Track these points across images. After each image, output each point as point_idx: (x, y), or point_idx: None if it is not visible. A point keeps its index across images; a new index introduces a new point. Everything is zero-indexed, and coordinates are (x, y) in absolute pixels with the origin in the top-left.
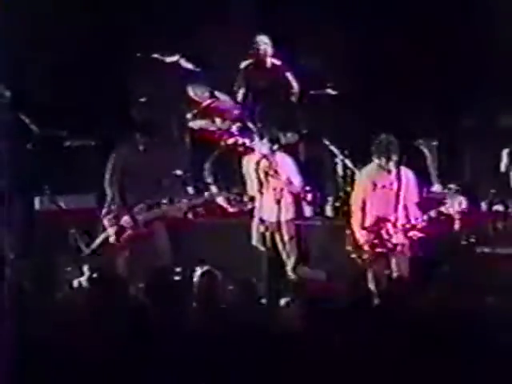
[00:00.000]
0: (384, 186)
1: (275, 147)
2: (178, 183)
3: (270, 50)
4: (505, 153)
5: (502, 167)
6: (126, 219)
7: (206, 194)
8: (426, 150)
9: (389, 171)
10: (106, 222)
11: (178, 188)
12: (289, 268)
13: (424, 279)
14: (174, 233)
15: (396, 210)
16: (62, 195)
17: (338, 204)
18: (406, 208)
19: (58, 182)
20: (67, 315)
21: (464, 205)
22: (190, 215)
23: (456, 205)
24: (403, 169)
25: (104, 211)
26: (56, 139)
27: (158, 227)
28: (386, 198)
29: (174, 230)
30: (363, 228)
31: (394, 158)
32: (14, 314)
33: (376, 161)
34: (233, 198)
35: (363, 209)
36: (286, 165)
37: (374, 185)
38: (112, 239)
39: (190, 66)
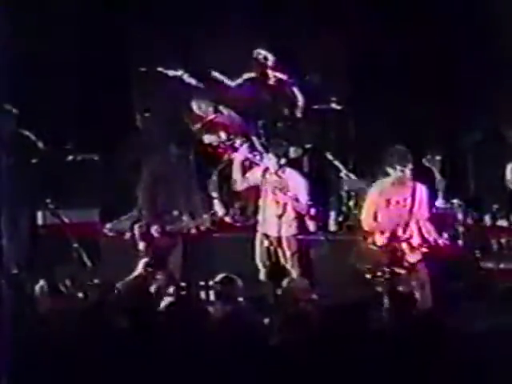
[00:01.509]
0: (398, 202)
1: (283, 161)
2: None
3: (271, 64)
4: (509, 168)
5: (507, 182)
6: (156, 228)
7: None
8: (433, 167)
9: (403, 185)
10: (136, 229)
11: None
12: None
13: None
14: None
15: (408, 226)
16: (65, 210)
17: (341, 219)
18: (417, 224)
19: (61, 196)
20: (71, 328)
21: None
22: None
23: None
24: (418, 184)
25: (132, 219)
26: (60, 153)
27: (176, 240)
28: (399, 215)
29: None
30: (378, 247)
31: (409, 168)
32: (16, 326)
33: (391, 172)
34: (234, 212)
35: (376, 226)
36: (296, 182)
37: (388, 201)
38: (141, 246)
39: (192, 80)
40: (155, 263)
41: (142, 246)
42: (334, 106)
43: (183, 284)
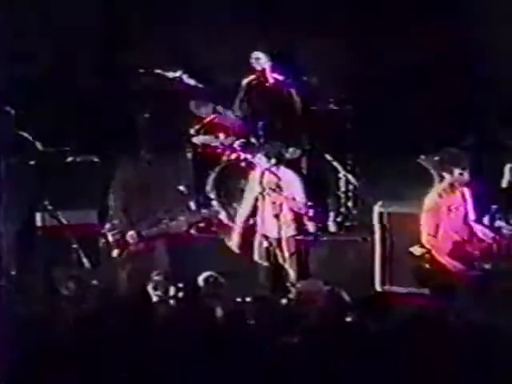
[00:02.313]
0: (456, 208)
1: (273, 161)
2: (180, 198)
3: (268, 66)
4: (507, 168)
5: (504, 183)
6: (131, 234)
7: (204, 211)
8: (429, 167)
9: (456, 191)
10: (110, 237)
11: (181, 203)
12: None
13: None
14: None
15: (467, 230)
16: (64, 211)
17: (340, 219)
18: (471, 227)
19: (60, 197)
20: (70, 328)
21: None
22: (193, 231)
23: None
24: (463, 187)
25: (107, 226)
26: (58, 155)
27: (159, 243)
28: (458, 220)
29: (175, 246)
30: (447, 255)
31: (466, 171)
32: (15, 327)
33: (447, 177)
34: (233, 213)
35: (437, 234)
36: (291, 181)
37: (449, 209)
38: (115, 253)
39: (192, 81)
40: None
41: (115, 253)
42: (332, 106)
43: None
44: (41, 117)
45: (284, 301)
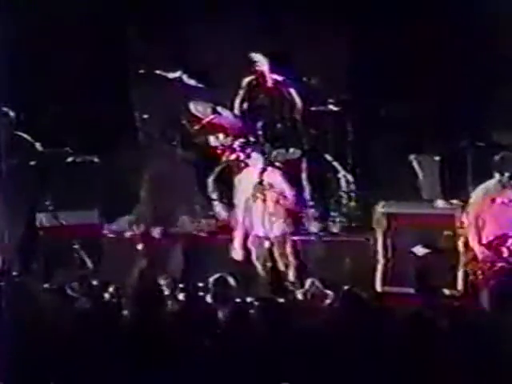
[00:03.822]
0: (503, 203)
1: (267, 161)
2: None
3: (268, 67)
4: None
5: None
6: (158, 230)
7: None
8: (417, 166)
9: (509, 187)
10: (134, 229)
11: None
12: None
13: None
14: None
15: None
16: (65, 211)
17: (340, 220)
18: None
19: (61, 198)
20: (72, 330)
21: None
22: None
23: None
24: None
25: (133, 220)
26: (59, 155)
27: (175, 242)
28: (506, 214)
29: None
30: (481, 244)
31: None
32: (16, 328)
33: (497, 176)
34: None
35: (477, 225)
36: (278, 179)
37: (493, 201)
38: (140, 246)
39: (192, 82)
40: (155, 265)
41: (140, 246)
42: (331, 107)
43: (183, 286)
44: (40, 118)
45: (286, 301)
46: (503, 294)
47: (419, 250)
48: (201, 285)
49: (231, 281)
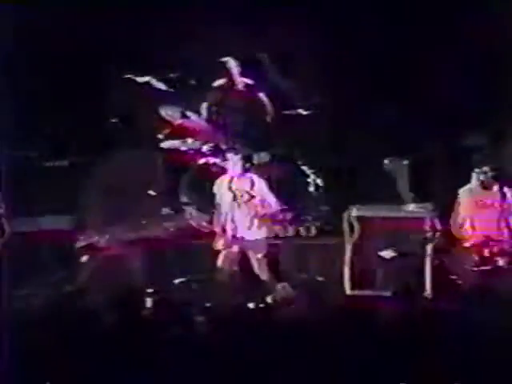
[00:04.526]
0: (486, 204)
1: (247, 165)
2: (153, 203)
3: (238, 71)
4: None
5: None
6: (107, 238)
7: (187, 215)
8: (393, 171)
9: (490, 188)
10: (82, 241)
11: (154, 208)
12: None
13: None
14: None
15: (499, 229)
16: (38, 216)
17: (310, 224)
18: (509, 228)
19: (33, 203)
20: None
21: None
22: (169, 236)
23: None
24: (506, 188)
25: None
26: (29, 160)
27: (135, 248)
28: (489, 216)
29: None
30: (466, 247)
31: (494, 174)
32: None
33: (475, 177)
34: (204, 217)
35: (465, 227)
36: (259, 186)
37: (477, 203)
38: (85, 258)
39: (161, 86)
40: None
41: (84, 258)
42: (302, 111)
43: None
44: (10, 123)
45: (254, 305)
46: (478, 296)
47: (388, 254)
48: (169, 288)
49: (196, 285)
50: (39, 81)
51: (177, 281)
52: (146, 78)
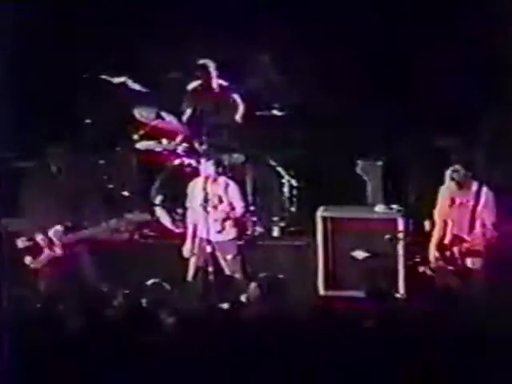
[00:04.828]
0: (462, 203)
1: (220, 169)
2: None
3: (214, 72)
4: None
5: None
6: (41, 237)
7: (130, 216)
8: (363, 174)
9: (466, 187)
10: (19, 242)
11: (123, 209)
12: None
13: None
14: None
15: (472, 228)
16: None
17: (283, 224)
18: (484, 227)
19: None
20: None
21: None
22: (136, 236)
23: None
24: (484, 188)
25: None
26: (3, 161)
27: (81, 249)
28: (464, 216)
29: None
30: (438, 246)
31: (469, 174)
32: None
33: (450, 176)
34: (177, 218)
35: (443, 226)
36: (230, 190)
37: (453, 201)
38: (28, 260)
39: (136, 86)
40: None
41: (28, 260)
42: (276, 112)
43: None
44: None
45: (227, 305)
46: (449, 296)
47: (359, 254)
48: (139, 289)
49: (167, 286)
50: (8, 80)
51: (149, 282)
52: (122, 79)
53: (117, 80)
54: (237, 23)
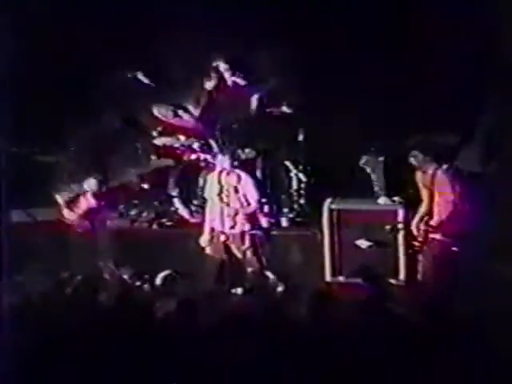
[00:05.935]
0: (425, 186)
1: (235, 163)
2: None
3: (228, 70)
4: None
5: None
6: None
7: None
8: (368, 168)
9: (426, 170)
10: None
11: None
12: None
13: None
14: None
15: (431, 209)
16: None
17: (292, 215)
18: (440, 207)
19: (32, 195)
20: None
21: None
22: (155, 226)
23: None
24: (439, 170)
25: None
26: (29, 156)
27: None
28: (425, 197)
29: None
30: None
31: (427, 158)
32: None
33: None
34: (194, 209)
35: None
36: (243, 181)
37: (421, 186)
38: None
39: (152, 84)
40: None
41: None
42: (285, 109)
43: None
44: (8, 121)
45: (239, 291)
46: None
47: (363, 243)
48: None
49: (179, 277)
50: (27, 75)
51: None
52: (139, 76)
53: (132, 76)
54: (250, 21)
